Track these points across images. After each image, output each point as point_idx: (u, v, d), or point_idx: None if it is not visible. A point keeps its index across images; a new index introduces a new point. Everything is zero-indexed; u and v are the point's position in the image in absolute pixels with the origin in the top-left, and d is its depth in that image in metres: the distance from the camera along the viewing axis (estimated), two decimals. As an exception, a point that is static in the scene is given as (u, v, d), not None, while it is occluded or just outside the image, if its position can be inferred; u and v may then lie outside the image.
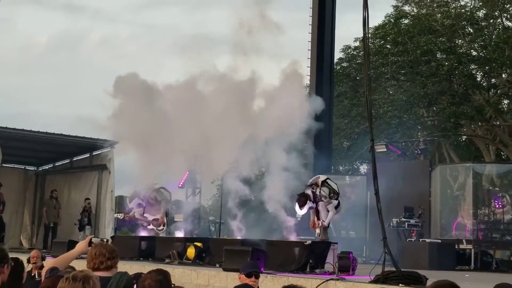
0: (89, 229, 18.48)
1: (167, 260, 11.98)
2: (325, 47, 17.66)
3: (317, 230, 11.70)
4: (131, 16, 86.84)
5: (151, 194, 14.01)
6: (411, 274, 7.90)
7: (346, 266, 9.66)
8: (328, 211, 11.51)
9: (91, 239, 5.08)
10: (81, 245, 5.07)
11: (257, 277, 6.40)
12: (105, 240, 5.35)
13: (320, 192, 11.58)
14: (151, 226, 14.06)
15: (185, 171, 16.79)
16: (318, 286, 8.13)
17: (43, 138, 19.22)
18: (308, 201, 11.49)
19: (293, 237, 11.37)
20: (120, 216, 14.84)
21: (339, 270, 9.61)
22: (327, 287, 8.30)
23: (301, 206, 11.50)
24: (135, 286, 4.21)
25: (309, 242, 10.54)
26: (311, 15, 17.94)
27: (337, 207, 11.79)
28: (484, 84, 25.99)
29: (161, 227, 14.10)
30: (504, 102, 27.37)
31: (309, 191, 11.62)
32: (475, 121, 26.16)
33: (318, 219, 11.60)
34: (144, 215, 14.12)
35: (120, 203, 19.93)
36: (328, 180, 11.77)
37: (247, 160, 12.15)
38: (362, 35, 9.11)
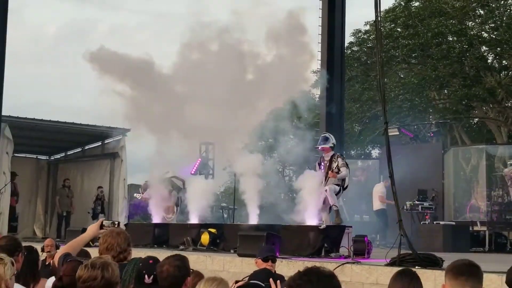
0: (102, 218, 18.56)
1: (181, 247, 11.99)
2: (335, 31, 17.52)
3: (323, 216, 11.49)
4: (138, 4, 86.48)
5: (161, 187, 14.06)
6: (428, 256, 7.87)
7: (361, 249, 9.64)
8: (335, 193, 11.32)
9: (102, 222, 4.96)
10: (92, 229, 4.96)
11: (273, 261, 6.41)
12: (116, 222, 5.20)
13: (338, 157, 11.40)
14: (162, 213, 14.15)
15: (197, 157, 16.82)
16: (334, 269, 8.11)
17: (54, 127, 19.28)
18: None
19: (310, 221, 11.27)
20: (139, 196, 14.92)
21: (354, 253, 9.59)
22: (343, 271, 8.27)
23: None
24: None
25: (323, 226, 10.52)
26: (321, -2, 17.80)
27: (337, 193, 11.54)
28: (495, 66, 25.78)
29: (170, 215, 14.16)
30: (516, 83, 27.14)
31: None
32: (487, 103, 25.98)
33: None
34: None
35: (132, 191, 20.01)
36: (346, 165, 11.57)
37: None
38: (372, 18, 9.11)
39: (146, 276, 4.12)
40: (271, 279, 4.84)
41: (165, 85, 13.65)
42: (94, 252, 5.22)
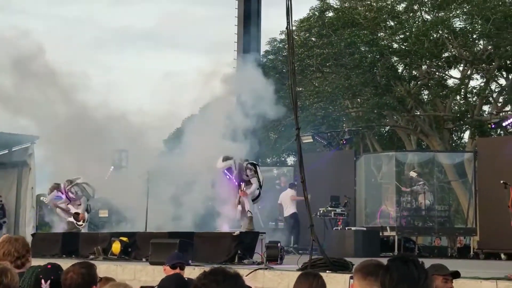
0: (6, 227, 17.85)
1: (91, 257, 11.66)
2: (251, 39, 17.65)
3: (243, 223, 11.47)
4: (45, 8, 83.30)
5: (71, 188, 13.70)
6: (338, 261, 7.99)
7: (274, 255, 9.69)
8: (255, 197, 11.39)
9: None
10: None
11: (182, 268, 6.34)
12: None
13: (247, 166, 11.36)
14: (71, 219, 13.77)
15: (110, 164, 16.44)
16: (247, 275, 8.09)
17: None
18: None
19: (225, 227, 11.28)
20: (46, 200, 14.42)
21: (267, 259, 9.62)
22: (256, 276, 8.28)
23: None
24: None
25: (237, 232, 10.51)
26: (237, 7, 17.90)
27: (256, 198, 11.59)
28: (405, 76, 26.63)
29: (81, 223, 13.78)
30: (424, 93, 28.16)
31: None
32: (397, 112, 26.80)
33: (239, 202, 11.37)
34: (68, 206, 13.83)
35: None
36: (257, 167, 11.61)
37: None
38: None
39: (42, 280, 3.98)
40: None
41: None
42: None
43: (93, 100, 14.38)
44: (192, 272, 8.45)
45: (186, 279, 5.77)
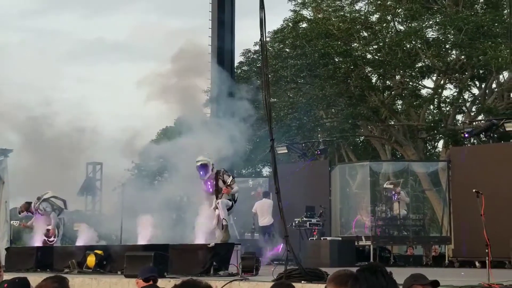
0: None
1: (66, 270, 11.55)
2: (225, 50, 17.69)
3: (217, 233, 11.44)
4: (20, 21, 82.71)
5: (39, 206, 13.56)
6: (313, 271, 8.01)
7: (250, 266, 9.67)
8: (228, 208, 11.36)
9: None
10: None
11: (155, 282, 6.33)
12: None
13: (224, 171, 11.39)
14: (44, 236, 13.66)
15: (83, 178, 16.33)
16: (222, 287, 8.07)
17: None
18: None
19: (199, 239, 11.23)
20: (16, 223, 14.28)
21: (242, 270, 9.61)
22: (231, 288, 8.26)
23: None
24: None
25: (212, 244, 10.48)
26: (210, 19, 17.96)
27: (229, 208, 11.57)
28: (379, 86, 26.84)
29: (52, 238, 13.65)
30: (398, 102, 28.40)
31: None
32: (371, 122, 26.98)
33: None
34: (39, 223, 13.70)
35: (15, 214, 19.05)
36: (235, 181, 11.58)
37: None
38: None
39: None
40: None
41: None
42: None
43: (65, 113, 14.27)
44: (167, 284, 8.40)
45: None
